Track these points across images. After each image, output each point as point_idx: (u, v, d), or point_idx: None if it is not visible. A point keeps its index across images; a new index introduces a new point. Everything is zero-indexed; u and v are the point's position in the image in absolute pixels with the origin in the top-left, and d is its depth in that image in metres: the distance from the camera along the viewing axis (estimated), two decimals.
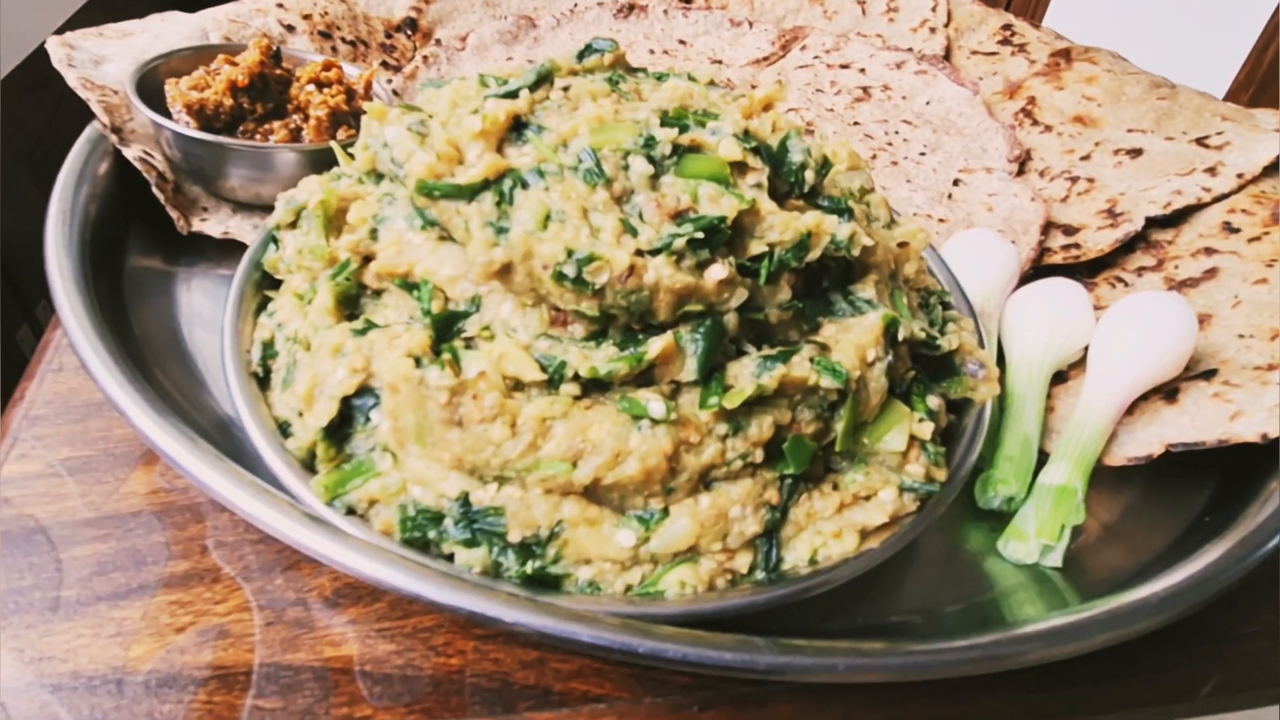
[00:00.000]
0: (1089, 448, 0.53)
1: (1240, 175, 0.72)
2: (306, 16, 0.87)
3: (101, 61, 0.72)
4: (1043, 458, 0.55)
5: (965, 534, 0.53)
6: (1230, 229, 0.69)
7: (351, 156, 0.59)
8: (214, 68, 0.68)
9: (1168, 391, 0.57)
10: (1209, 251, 0.68)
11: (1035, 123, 0.84)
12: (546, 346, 0.43)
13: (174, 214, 0.65)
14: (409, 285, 0.47)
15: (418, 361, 0.42)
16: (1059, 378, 0.61)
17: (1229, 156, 0.74)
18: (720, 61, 0.97)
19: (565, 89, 0.51)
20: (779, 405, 0.43)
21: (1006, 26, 0.97)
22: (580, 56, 0.56)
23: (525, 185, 0.44)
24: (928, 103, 0.88)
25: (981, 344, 0.55)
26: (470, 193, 0.44)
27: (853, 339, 0.46)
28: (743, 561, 0.43)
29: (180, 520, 0.48)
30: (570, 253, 0.41)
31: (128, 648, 0.41)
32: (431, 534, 0.42)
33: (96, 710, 0.38)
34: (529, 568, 0.41)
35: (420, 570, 0.39)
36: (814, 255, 0.46)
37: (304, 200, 0.56)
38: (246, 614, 0.43)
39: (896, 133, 0.85)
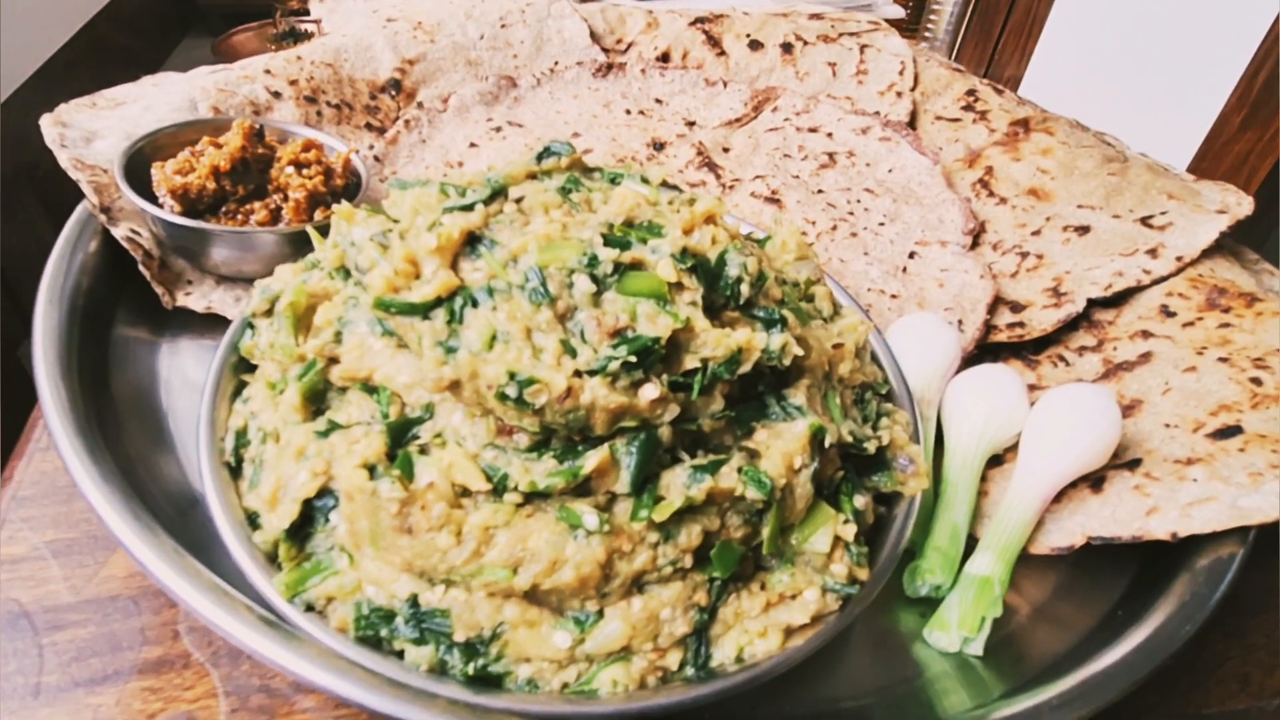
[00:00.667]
0: (1014, 538, 0.57)
1: (1179, 258, 0.75)
2: (293, 82, 0.90)
3: (93, 138, 0.76)
4: (972, 541, 0.59)
5: (897, 617, 0.56)
6: (1167, 312, 0.72)
7: (325, 237, 0.63)
8: (199, 149, 0.71)
9: (1094, 480, 0.60)
10: (1145, 335, 0.71)
11: (991, 194, 0.87)
12: (493, 456, 0.46)
13: (159, 289, 0.69)
14: (369, 389, 0.50)
15: (372, 472, 0.46)
16: (995, 460, 0.64)
17: (1170, 238, 0.77)
18: (694, 123, 1.01)
19: (519, 200, 0.54)
20: (708, 513, 0.47)
21: (970, 92, 1.00)
22: (540, 158, 0.60)
23: (475, 304, 0.48)
24: (890, 170, 0.92)
25: (915, 438, 0.59)
26: (424, 309, 0.48)
27: (781, 446, 0.49)
28: (673, 659, 0.46)
29: (154, 605, 0.51)
30: (512, 375, 0.44)
31: None
32: (384, 632, 0.45)
33: None
34: (470, 668, 0.44)
35: (363, 678, 0.42)
36: (746, 368, 0.49)
37: (278, 290, 0.59)
38: (213, 700, 0.47)
39: (859, 201, 0.88)
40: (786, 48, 1.08)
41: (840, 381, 0.57)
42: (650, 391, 0.46)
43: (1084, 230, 0.80)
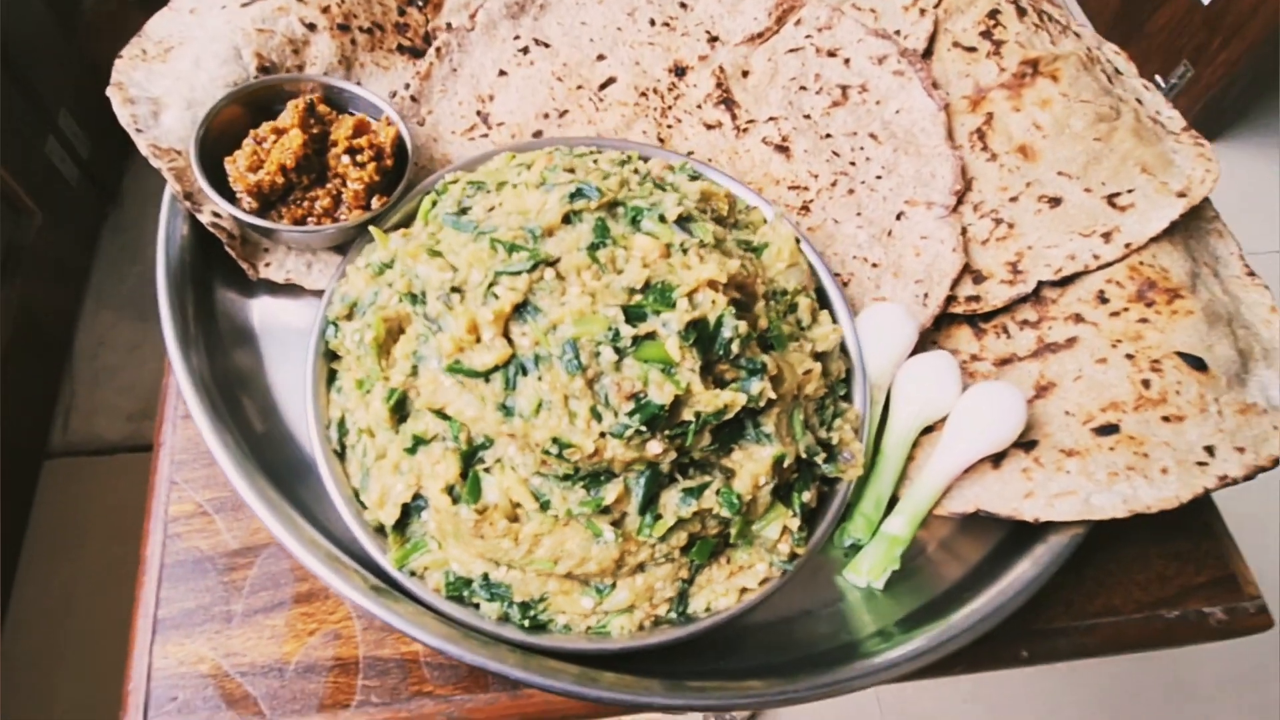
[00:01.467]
0: (923, 506, 0.76)
1: (1128, 245, 0.85)
2: (325, 10, 0.94)
3: (159, 110, 0.83)
4: (894, 499, 0.78)
5: (828, 556, 0.77)
6: (1102, 299, 0.84)
7: (388, 236, 0.76)
8: (262, 136, 0.80)
9: (996, 457, 0.78)
10: (1078, 319, 0.84)
11: (985, 148, 0.94)
12: (538, 483, 0.64)
13: (244, 265, 0.82)
14: (443, 415, 0.67)
15: (451, 493, 0.64)
16: (929, 429, 0.81)
17: (1127, 221, 0.86)
18: (716, 38, 1.03)
19: (556, 263, 0.66)
20: (693, 522, 0.66)
21: (993, 13, 1.00)
22: (572, 198, 0.70)
23: (524, 371, 0.63)
24: (898, 111, 0.97)
25: (860, 433, 0.75)
26: (485, 374, 0.63)
27: (751, 468, 0.67)
28: (662, 610, 0.68)
29: None
30: (554, 439, 0.61)
31: (281, 646, 0.68)
32: (464, 593, 0.66)
33: (267, 689, 0.66)
34: (525, 620, 0.66)
35: (439, 629, 0.64)
36: (730, 415, 0.65)
37: (355, 296, 0.74)
38: (350, 622, 0.70)
39: (862, 148, 0.95)
40: None
41: (806, 398, 0.72)
42: (655, 447, 0.62)
43: (1056, 202, 0.89)
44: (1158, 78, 3.46)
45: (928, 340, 0.86)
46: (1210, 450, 0.73)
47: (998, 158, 0.93)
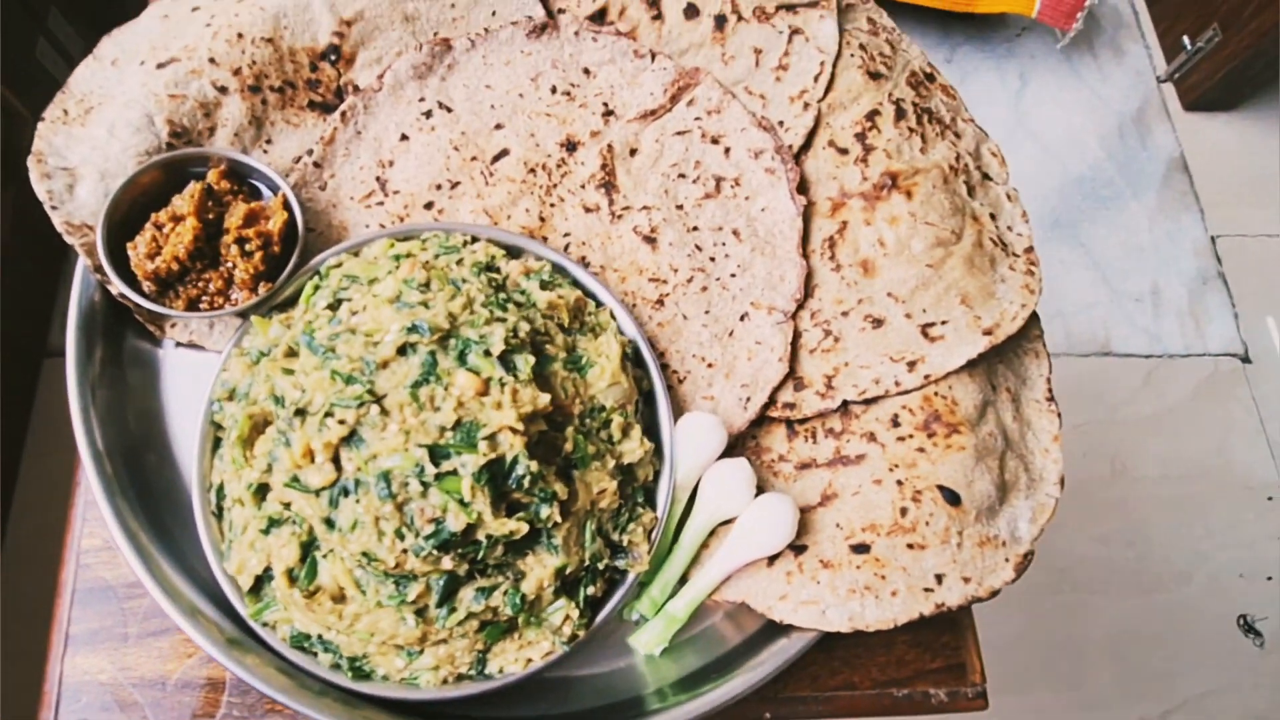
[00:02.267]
0: (703, 592, 0.91)
1: (928, 376, 0.95)
2: (236, 72, 1.01)
3: (73, 183, 0.94)
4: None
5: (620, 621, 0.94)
6: (895, 422, 0.95)
7: (268, 322, 0.88)
8: (161, 222, 0.90)
9: (772, 556, 0.92)
10: (871, 437, 0.95)
11: (833, 257, 1.02)
12: (360, 574, 0.80)
13: (150, 328, 0.95)
14: (288, 506, 0.81)
15: (290, 574, 0.80)
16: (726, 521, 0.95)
17: (933, 353, 0.96)
18: (612, 112, 1.08)
19: (383, 399, 0.78)
20: (485, 612, 0.81)
21: (872, 114, 1.05)
22: (409, 330, 0.81)
23: (346, 492, 0.77)
24: (763, 209, 1.04)
25: (650, 538, 0.89)
26: (315, 491, 0.77)
27: (537, 574, 0.82)
28: (464, 669, 0.85)
29: None
30: (364, 552, 0.76)
31: (165, 664, 0.86)
32: (305, 644, 0.83)
33: (152, 698, 0.85)
34: (351, 670, 0.83)
35: (278, 681, 0.81)
36: (518, 537, 0.79)
37: (234, 383, 0.87)
38: None
39: (723, 244, 1.03)
40: (719, 21, 1.09)
41: (601, 510, 0.86)
42: (448, 563, 0.77)
43: (879, 323, 0.98)
44: (1185, 39, 3.34)
45: (746, 434, 0.99)
46: (939, 578, 0.87)
47: (841, 269, 1.01)
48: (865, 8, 1.14)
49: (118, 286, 0.90)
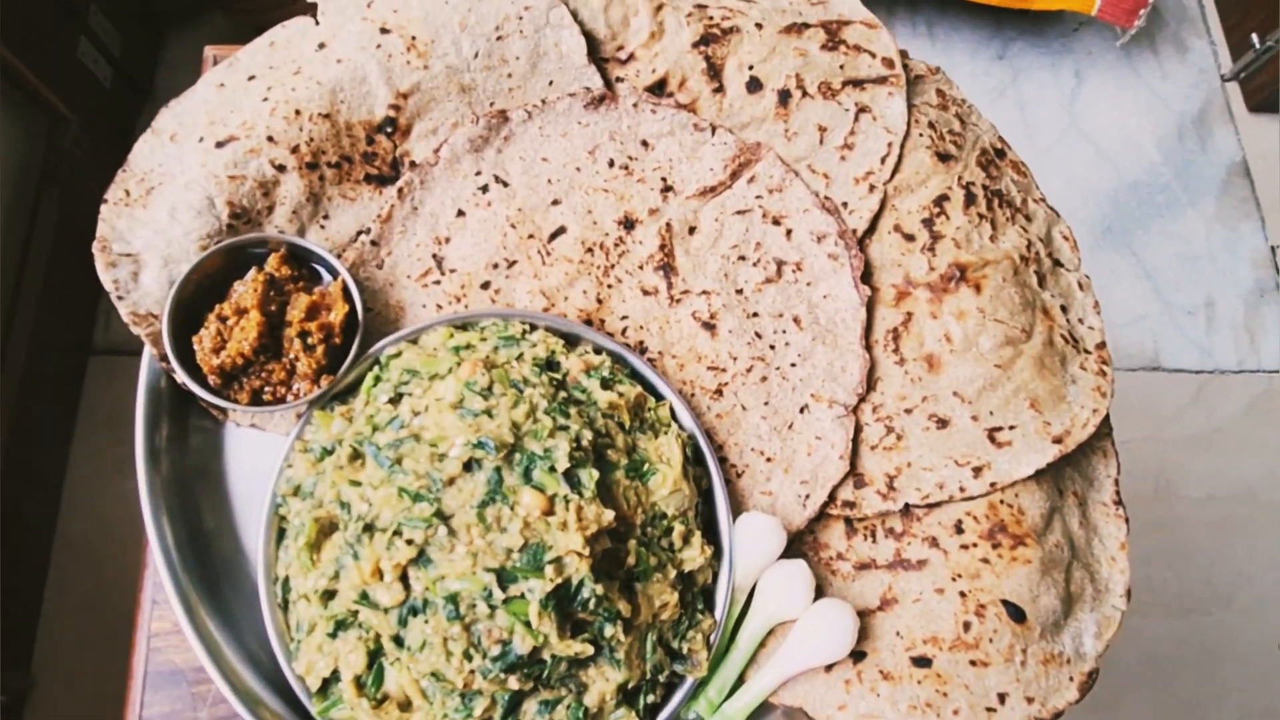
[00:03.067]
0: (759, 696, 0.91)
1: (994, 484, 0.93)
2: (294, 149, 1.00)
3: (138, 270, 0.93)
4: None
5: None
6: (958, 529, 0.94)
7: (330, 416, 0.89)
8: (226, 314, 0.90)
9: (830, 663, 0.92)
10: (933, 543, 0.94)
11: (897, 350, 1.00)
12: (425, 683, 0.81)
13: (214, 412, 0.95)
14: (355, 613, 0.82)
15: (358, 682, 0.81)
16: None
17: (1000, 459, 0.93)
18: (671, 187, 1.06)
19: (450, 518, 0.78)
20: None
21: (940, 200, 1.02)
22: (475, 446, 0.81)
23: (415, 612, 0.77)
24: (825, 296, 1.02)
25: (710, 643, 0.89)
26: (384, 610, 0.78)
27: (600, 688, 0.82)
28: None
29: None
30: (433, 672, 0.77)
31: None
32: None
33: None
34: None
35: None
36: (584, 656, 0.79)
37: (299, 480, 0.88)
38: None
39: (784, 331, 1.01)
40: (783, 96, 1.05)
41: (661, 622, 0.86)
42: (515, 683, 0.78)
43: (944, 424, 0.96)
44: (1254, 36, 3.20)
45: (805, 531, 0.98)
46: (1002, 698, 0.87)
47: (905, 363, 0.99)
48: (935, 79, 1.10)
49: (183, 379, 0.91)
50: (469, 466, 0.80)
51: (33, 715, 2.20)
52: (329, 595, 0.85)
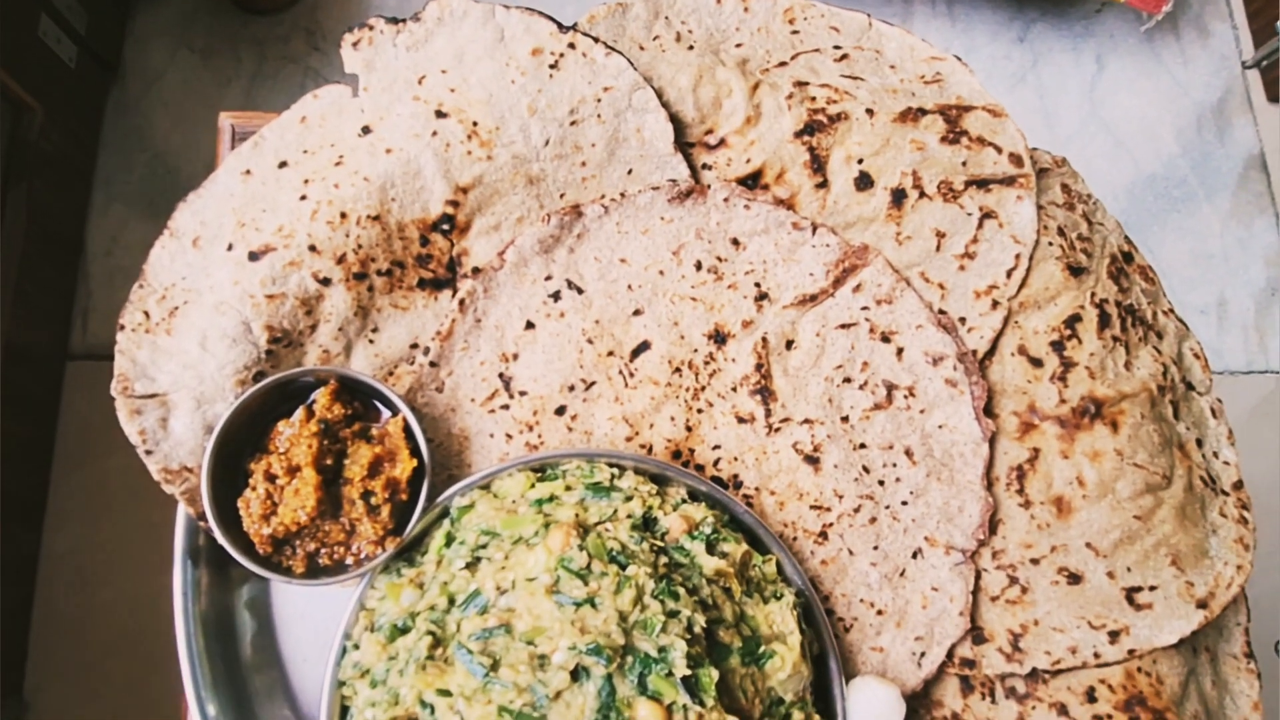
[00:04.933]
0: None
1: (1132, 651, 0.85)
2: (340, 259, 0.85)
3: (167, 416, 0.80)
4: None
5: None
6: (1090, 698, 0.86)
7: (399, 586, 0.78)
8: (275, 475, 0.77)
9: None
10: (1062, 710, 0.86)
11: (1021, 490, 0.90)
12: None
13: (264, 574, 0.83)
14: None
15: None
16: None
17: (1139, 624, 0.85)
18: (766, 295, 0.93)
19: None
20: None
21: (1071, 321, 0.91)
22: (585, 652, 0.70)
23: None
24: (940, 426, 0.91)
25: None
26: None
27: None
28: None
29: None
30: None
31: None
32: None
33: None
34: None
35: None
36: None
37: (368, 665, 0.77)
38: None
39: (895, 465, 0.91)
40: (897, 196, 0.92)
41: None
42: None
43: (1076, 579, 0.87)
44: (1277, 24, 3.10)
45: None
46: None
47: (1031, 505, 0.90)
48: (1060, 172, 0.97)
49: (229, 547, 0.78)
50: (575, 675, 0.70)
51: None
52: None
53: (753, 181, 0.95)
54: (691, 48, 0.96)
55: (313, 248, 0.84)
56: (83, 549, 2.29)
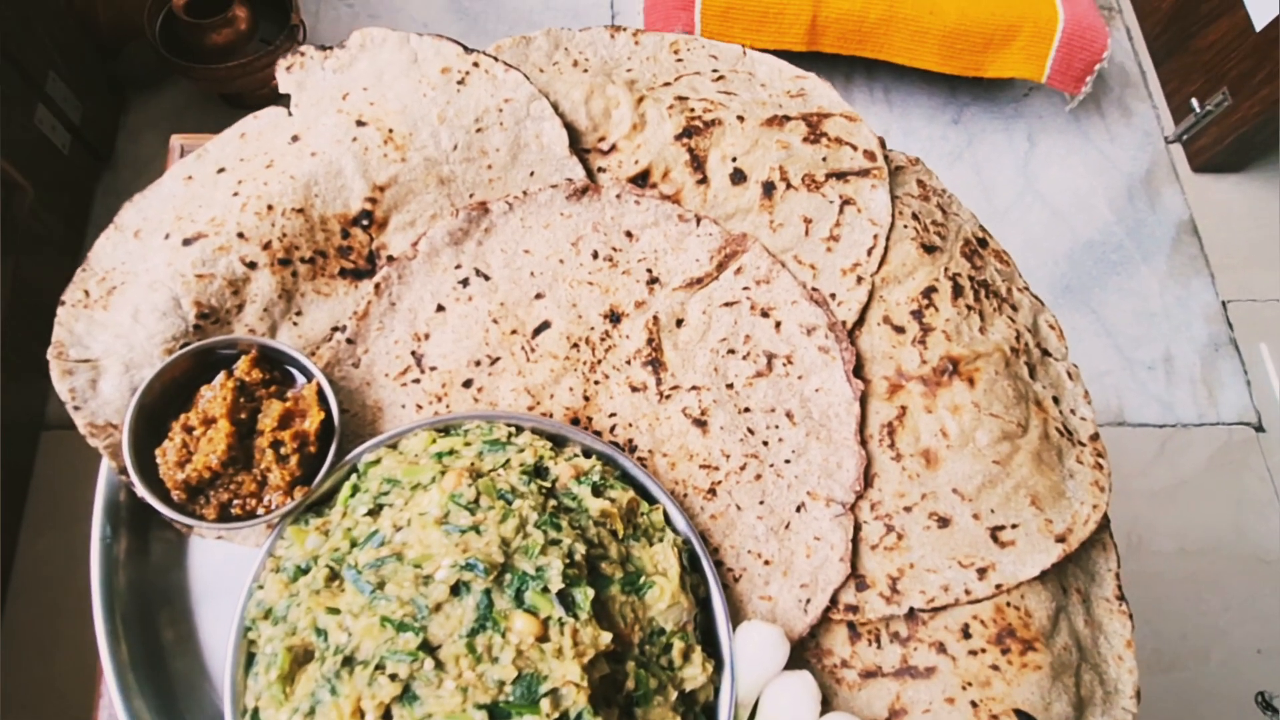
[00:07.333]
0: None
1: (999, 585, 0.90)
2: (266, 246, 0.95)
3: (96, 378, 0.88)
4: None
5: None
6: (965, 633, 0.90)
7: (305, 532, 0.83)
8: (191, 425, 0.85)
9: None
10: (941, 648, 0.91)
11: (892, 445, 0.97)
12: None
13: (178, 525, 0.89)
14: None
15: None
16: None
17: (1004, 560, 0.91)
18: (656, 279, 1.04)
19: (437, 649, 0.73)
20: None
21: (928, 292, 1.01)
22: (463, 569, 0.76)
23: None
24: (817, 390, 1.00)
25: None
26: None
27: None
28: None
29: None
30: None
31: None
32: None
33: None
34: None
35: None
36: None
37: (270, 604, 0.81)
38: None
39: (776, 427, 0.99)
40: (768, 189, 1.04)
41: None
42: None
43: (945, 522, 0.94)
44: (1193, 101, 3.34)
45: (806, 636, 0.94)
46: None
47: (902, 459, 0.97)
48: (915, 170, 1.10)
49: (144, 494, 0.85)
50: (456, 590, 0.75)
51: None
52: None
53: (642, 180, 1.07)
54: (586, 71, 1.10)
55: (241, 235, 0.95)
56: (44, 618, 2.28)
